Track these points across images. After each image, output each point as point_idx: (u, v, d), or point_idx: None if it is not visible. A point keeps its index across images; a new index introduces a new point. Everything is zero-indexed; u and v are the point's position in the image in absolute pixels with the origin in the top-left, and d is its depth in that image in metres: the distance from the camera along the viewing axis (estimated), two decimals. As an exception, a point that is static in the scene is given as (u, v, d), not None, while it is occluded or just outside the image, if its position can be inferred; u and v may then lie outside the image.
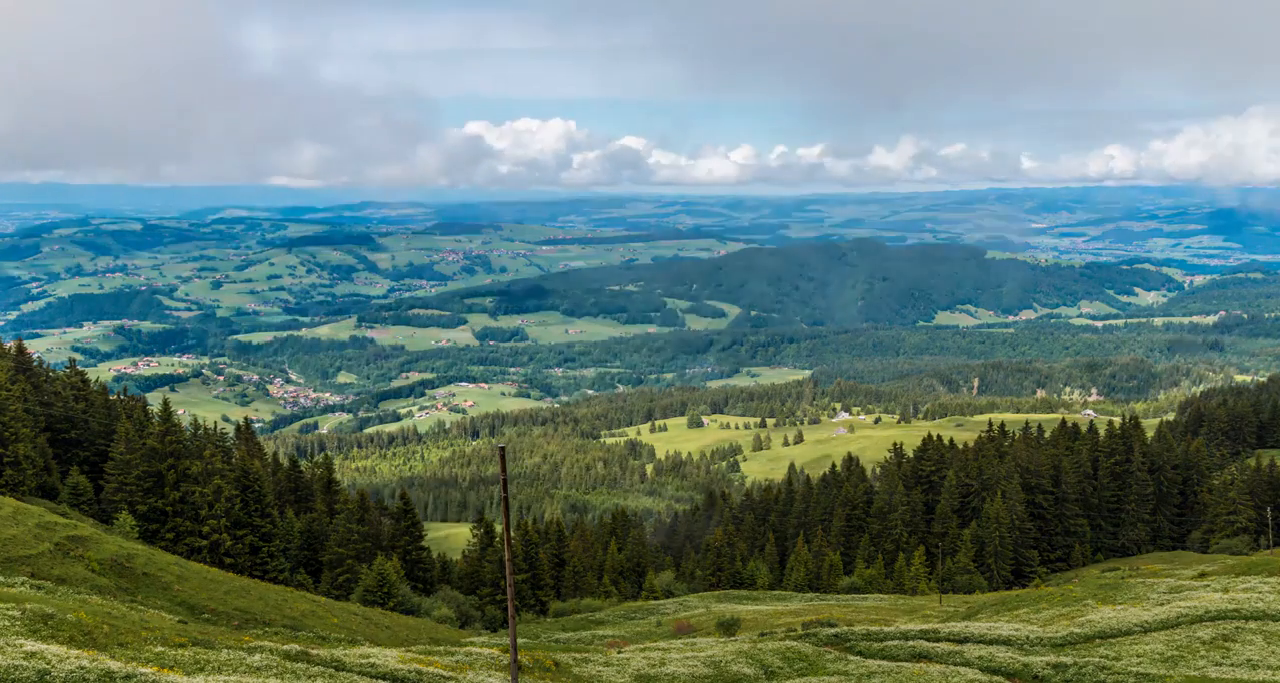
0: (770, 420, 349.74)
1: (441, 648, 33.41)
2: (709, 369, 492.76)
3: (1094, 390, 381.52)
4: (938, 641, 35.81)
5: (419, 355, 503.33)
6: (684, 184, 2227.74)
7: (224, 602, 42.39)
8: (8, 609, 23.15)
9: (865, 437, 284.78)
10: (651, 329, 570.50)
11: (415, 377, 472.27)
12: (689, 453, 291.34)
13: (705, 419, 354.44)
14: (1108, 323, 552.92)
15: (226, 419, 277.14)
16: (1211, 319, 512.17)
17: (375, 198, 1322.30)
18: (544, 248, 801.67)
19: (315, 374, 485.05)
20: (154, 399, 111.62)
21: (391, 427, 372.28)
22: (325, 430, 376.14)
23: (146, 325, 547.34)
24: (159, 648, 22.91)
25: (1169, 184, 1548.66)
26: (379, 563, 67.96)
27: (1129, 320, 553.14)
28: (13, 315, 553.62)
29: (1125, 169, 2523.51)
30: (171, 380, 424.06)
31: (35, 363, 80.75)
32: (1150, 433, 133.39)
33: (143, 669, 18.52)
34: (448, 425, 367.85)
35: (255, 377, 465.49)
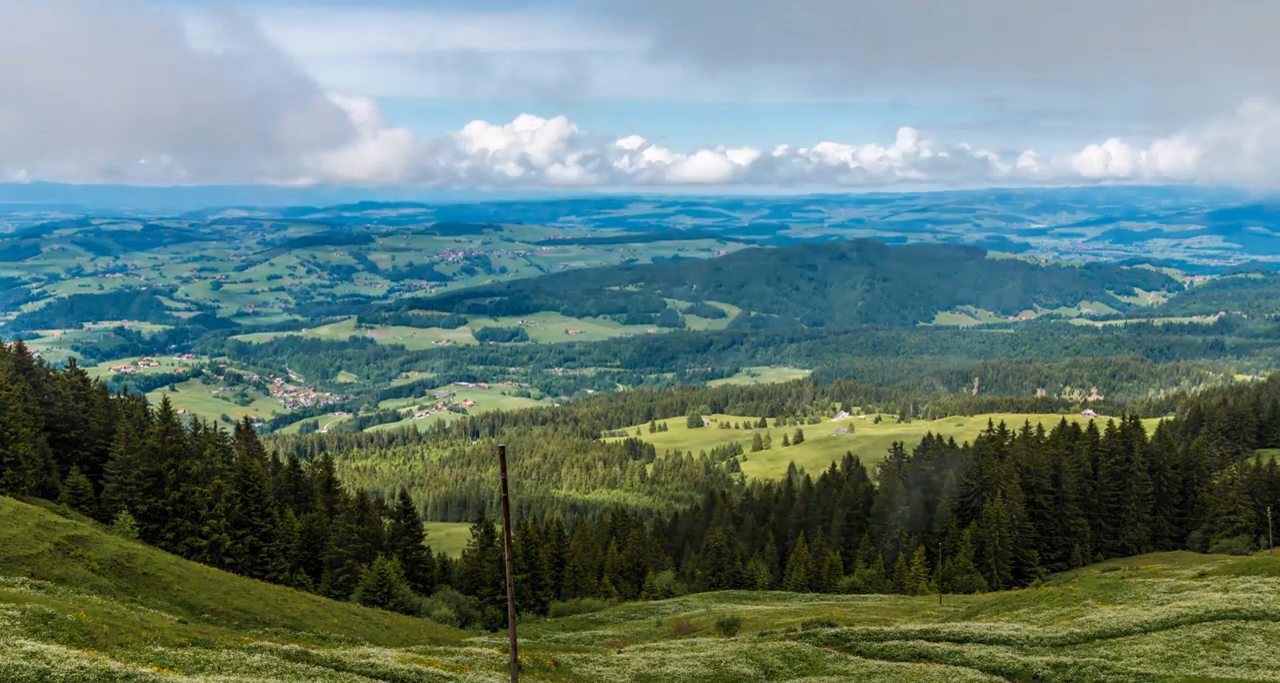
0: (770, 420, 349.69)
1: (441, 648, 33.42)
2: (709, 369, 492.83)
3: (1094, 390, 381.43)
4: (938, 641, 35.82)
5: (419, 355, 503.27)
6: (684, 184, 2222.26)
7: (224, 602, 42.38)
8: (8, 609, 23.15)
9: (865, 437, 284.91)
10: (651, 329, 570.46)
11: (415, 377, 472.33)
12: (689, 453, 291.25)
13: (705, 419, 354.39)
14: (1108, 323, 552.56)
15: (226, 419, 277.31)
16: (1211, 319, 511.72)
17: (375, 198, 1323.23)
18: (544, 248, 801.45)
19: (315, 374, 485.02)
20: (154, 399, 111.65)
21: (391, 427, 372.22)
22: (325, 430, 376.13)
23: (146, 325, 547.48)
24: (159, 648, 22.91)
25: (1169, 184, 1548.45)
26: (379, 563, 67.96)
27: (1129, 320, 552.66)
28: (13, 315, 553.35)
29: (1125, 169, 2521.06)
30: (171, 380, 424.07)
31: (35, 363, 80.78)
32: (1150, 433, 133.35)
33: (143, 669, 18.52)
34: (448, 425, 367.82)
35: (255, 377, 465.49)
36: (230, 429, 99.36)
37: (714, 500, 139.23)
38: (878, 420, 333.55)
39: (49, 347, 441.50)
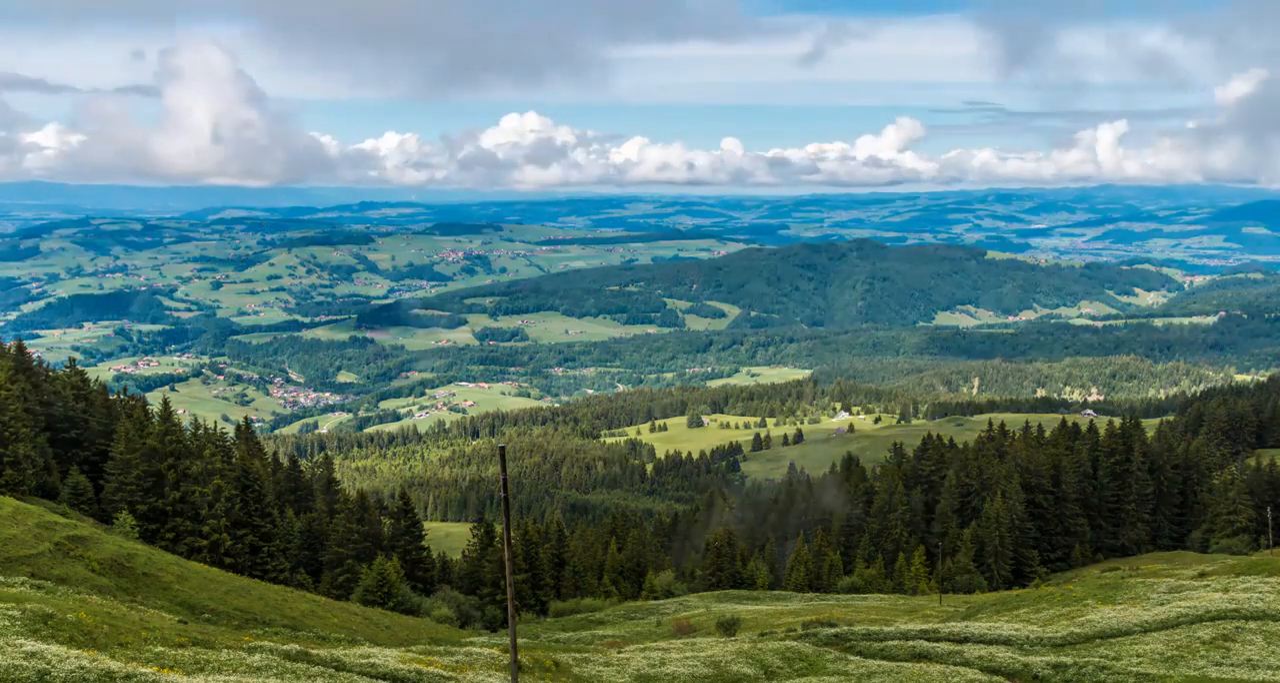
0: (770, 420, 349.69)
1: (441, 648, 33.44)
2: (709, 369, 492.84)
3: (1094, 390, 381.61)
4: (938, 641, 35.82)
5: (419, 355, 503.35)
6: (684, 184, 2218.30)
7: (224, 602, 42.39)
8: (8, 609, 23.15)
9: (865, 437, 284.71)
10: (651, 329, 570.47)
11: (415, 377, 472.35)
12: (689, 453, 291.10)
13: (705, 419, 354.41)
14: (1108, 323, 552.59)
15: (226, 419, 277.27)
16: (1211, 319, 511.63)
17: (374, 198, 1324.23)
18: (544, 248, 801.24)
19: (315, 374, 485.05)
20: (154, 399, 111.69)
21: (391, 427, 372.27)
22: (325, 430, 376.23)
23: (146, 325, 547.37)
24: (159, 648, 22.91)
25: (1169, 184, 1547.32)
26: (379, 563, 67.98)
27: (1129, 320, 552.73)
28: (13, 315, 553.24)
29: (1125, 169, 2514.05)
30: (171, 380, 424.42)
31: (35, 363, 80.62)
32: (1150, 433, 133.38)
33: (143, 669, 18.52)
34: (448, 425, 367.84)
35: (255, 377, 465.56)
36: (230, 429, 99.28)
37: (714, 501, 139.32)
38: (878, 421, 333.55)
39: (49, 347, 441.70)
